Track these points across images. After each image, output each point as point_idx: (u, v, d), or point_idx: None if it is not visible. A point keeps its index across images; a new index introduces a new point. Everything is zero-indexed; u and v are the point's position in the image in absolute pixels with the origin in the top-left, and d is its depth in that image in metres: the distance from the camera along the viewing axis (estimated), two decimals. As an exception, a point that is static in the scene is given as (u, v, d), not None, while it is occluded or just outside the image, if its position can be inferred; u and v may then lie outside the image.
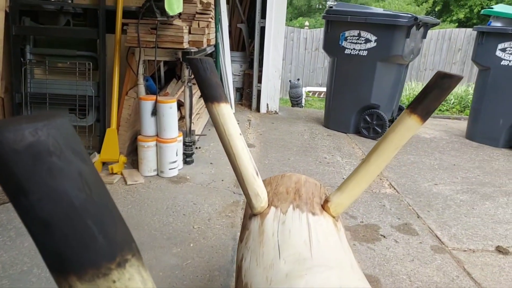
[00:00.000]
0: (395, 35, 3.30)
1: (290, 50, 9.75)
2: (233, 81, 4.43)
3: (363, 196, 2.33)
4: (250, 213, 1.00)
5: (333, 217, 0.99)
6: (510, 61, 3.45)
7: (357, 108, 3.68)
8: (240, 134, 0.94)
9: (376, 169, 0.95)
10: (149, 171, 2.30)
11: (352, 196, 0.98)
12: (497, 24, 3.56)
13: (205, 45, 2.50)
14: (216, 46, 3.36)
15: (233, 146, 0.93)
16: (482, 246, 1.86)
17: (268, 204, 0.99)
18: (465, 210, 2.25)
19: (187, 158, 2.52)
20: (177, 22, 2.31)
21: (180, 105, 2.63)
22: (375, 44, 3.41)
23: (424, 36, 3.70)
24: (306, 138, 3.53)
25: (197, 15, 2.49)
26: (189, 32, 2.35)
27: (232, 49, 4.54)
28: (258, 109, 4.32)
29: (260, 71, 4.19)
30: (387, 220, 2.06)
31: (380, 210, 2.17)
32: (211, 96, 0.90)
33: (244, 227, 0.99)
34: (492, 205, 2.33)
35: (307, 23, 12.07)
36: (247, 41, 4.41)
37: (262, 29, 4.06)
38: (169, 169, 2.28)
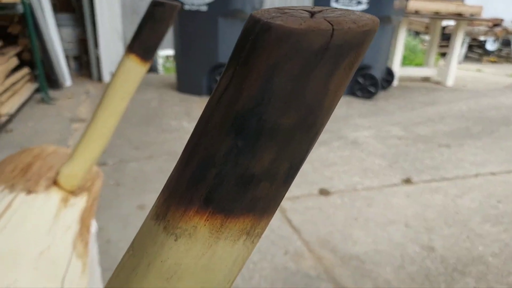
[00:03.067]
0: (232, -12, 3.16)
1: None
2: (67, 49, 3.81)
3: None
4: None
5: (70, 191, 0.79)
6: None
7: (207, 68, 3.51)
8: None
9: (106, 125, 0.76)
10: None
11: (85, 163, 0.78)
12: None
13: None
14: (24, 5, 2.73)
15: None
16: (307, 191, 1.91)
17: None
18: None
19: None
20: None
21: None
22: (213, -2, 3.22)
23: (264, -10, 3.66)
24: (154, 106, 3.25)
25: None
26: None
27: (60, 10, 3.86)
28: (100, 79, 3.82)
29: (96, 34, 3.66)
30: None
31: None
32: None
33: None
34: (325, 150, 2.46)
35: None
36: (75, -1, 3.78)
37: (90, -16, 3.50)
38: None
